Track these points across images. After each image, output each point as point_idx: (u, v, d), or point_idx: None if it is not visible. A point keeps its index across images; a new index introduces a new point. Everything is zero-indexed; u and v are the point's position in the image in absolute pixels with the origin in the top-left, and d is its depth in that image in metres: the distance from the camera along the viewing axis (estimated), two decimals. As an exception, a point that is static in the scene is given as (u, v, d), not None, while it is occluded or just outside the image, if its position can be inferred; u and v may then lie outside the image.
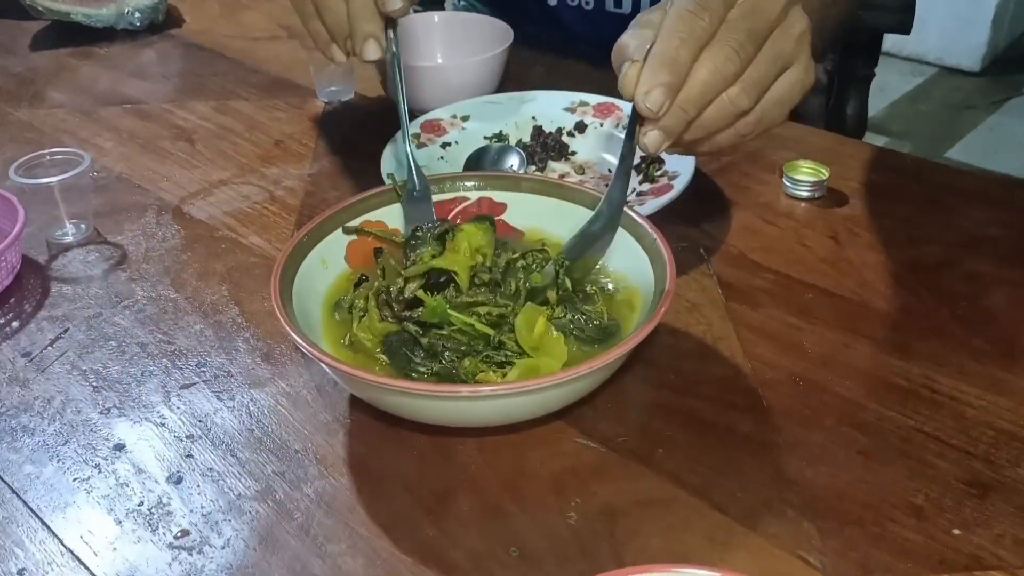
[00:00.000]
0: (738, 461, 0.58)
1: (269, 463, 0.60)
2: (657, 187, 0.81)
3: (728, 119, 0.61)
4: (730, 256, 0.76)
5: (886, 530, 0.53)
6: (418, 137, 0.90)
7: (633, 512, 0.55)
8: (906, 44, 3.01)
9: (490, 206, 0.73)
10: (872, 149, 0.92)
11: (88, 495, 0.58)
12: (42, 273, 0.79)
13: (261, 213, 0.85)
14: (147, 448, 0.61)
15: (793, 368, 0.65)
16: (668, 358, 0.66)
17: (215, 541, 0.55)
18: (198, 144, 0.97)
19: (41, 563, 0.54)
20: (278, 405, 0.64)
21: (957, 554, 0.52)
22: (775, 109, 0.63)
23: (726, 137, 0.63)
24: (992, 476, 0.56)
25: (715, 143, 0.63)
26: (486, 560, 0.53)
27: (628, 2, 1.11)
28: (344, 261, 0.69)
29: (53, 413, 0.64)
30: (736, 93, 0.59)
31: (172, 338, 0.70)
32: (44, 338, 0.71)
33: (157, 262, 0.79)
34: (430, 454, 0.60)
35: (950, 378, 0.63)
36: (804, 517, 0.54)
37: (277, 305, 0.59)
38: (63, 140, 0.99)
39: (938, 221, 0.79)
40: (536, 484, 0.57)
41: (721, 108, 0.60)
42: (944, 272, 0.73)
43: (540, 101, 0.96)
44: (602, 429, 0.61)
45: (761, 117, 0.62)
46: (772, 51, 0.60)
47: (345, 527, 0.55)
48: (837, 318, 0.69)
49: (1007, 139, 2.73)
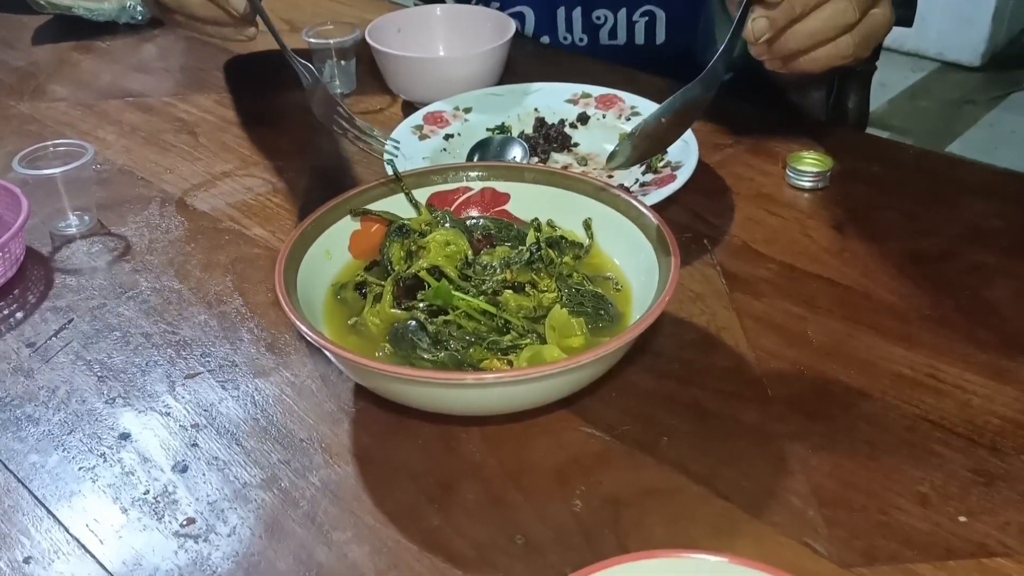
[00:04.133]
0: (742, 450, 0.58)
1: (274, 452, 0.60)
2: (660, 177, 0.81)
3: (832, 30, 0.64)
4: (734, 246, 0.76)
5: (891, 518, 0.53)
6: (420, 129, 0.90)
7: (637, 501, 0.55)
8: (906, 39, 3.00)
9: (493, 196, 0.73)
10: (876, 140, 0.92)
11: (94, 484, 0.58)
12: (46, 264, 0.79)
13: (264, 205, 0.85)
14: (152, 437, 0.61)
15: (797, 358, 0.65)
16: (672, 348, 0.66)
17: (221, 529, 0.55)
18: (201, 137, 0.97)
19: (47, 551, 0.54)
20: (283, 394, 0.64)
21: (963, 542, 0.52)
22: (869, 40, 0.66)
23: (826, 53, 0.66)
24: (998, 464, 0.56)
25: (816, 58, 0.66)
26: (491, 549, 0.53)
27: (623, 33, 1.11)
28: (348, 251, 0.69)
29: (58, 403, 0.64)
30: (845, 5, 0.63)
31: (176, 328, 0.70)
32: (48, 328, 0.71)
33: (161, 253, 0.79)
34: (435, 443, 0.60)
35: (954, 367, 0.63)
36: (809, 505, 0.54)
37: (282, 294, 0.59)
38: (65, 133, 0.99)
39: (941, 212, 0.79)
40: (541, 473, 0.57)
41: (830, 17, 0.63)
42: (947, 263, 0.73)
43: (542, 93, 0.96)
44: (606, 418, 0.61)
45: (859, 42, 0.65)
46: None
47: (350, 515, 0.55)
48: (841, 308, 0.69)
49: (1007, 134, 2.72)
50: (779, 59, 0.67)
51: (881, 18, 0.67)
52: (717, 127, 0.92)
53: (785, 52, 0.66)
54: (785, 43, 0.65)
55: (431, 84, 0.97)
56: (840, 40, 0.65)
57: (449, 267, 0.63)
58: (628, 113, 0.92)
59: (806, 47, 0.65)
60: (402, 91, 1.00)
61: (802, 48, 0.65)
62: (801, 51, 0.65)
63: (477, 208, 0.73)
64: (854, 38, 0.65)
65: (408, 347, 0.61)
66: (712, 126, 0.92)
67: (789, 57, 0.66)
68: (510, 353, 0.60)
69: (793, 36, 0.64)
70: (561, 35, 1.15)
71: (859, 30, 0.65)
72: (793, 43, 0.64)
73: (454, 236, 0.65)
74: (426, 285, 0.63)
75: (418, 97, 0.98)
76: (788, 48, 0.65)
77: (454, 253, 0.64)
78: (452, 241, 0.65)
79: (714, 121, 0.93)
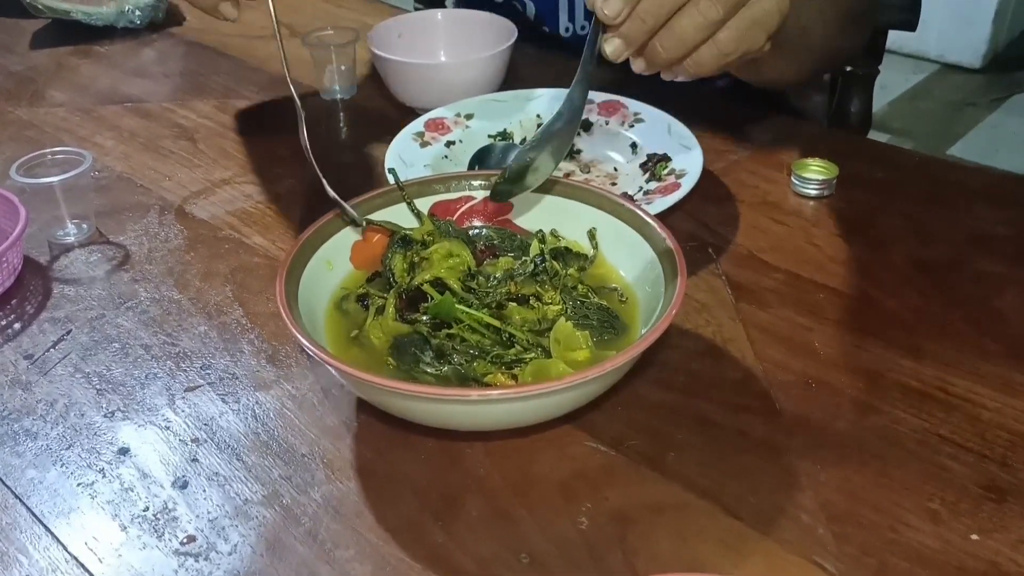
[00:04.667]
0: (750, 465, 0.57)
1: (275, 467, 0.59)
2: (664, 186, 0.80)
3: (701, 31, 0.62)
4: (739, 256, 0.76)
5: (902, 535, 0.53)
6: (422, 136, 0.90)
7: (644, 517, 0.54)
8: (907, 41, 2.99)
9: (496, 205, 0.72)
10: (880, 147, 0.92)
11: (92, 500, 0.57)
12: (44, 274, 0.78)
13: (264, 213, 0.84)
14: (152, 452, 0.60)
15: (804, 369, 0.64)
16: (678, 360, 0.65)
17: (222, 547, 0.54)
18: (200, 143, 0.97)
19: (45, 570, 0.53)
20: (284, 408, 0.63)
21: (975, 560, 0.51)
22: (754, 30, 0.64)
23: (708, 54, 0.64)
24: (1009, 480, 0.55)
25: (697, 61, 0.64)
26: (495, 566, 0.52)
27: None
28: (349, 262, 0.68)
29: (56, 417, 0.63)
30: (705, 5, 0.61)
31: (176, 340, 0.70)
32: (46, 340, 0.70)
33: (160, 262, 0.78)
34: (438, 458, 0.59)
35: (963, 379, 0.62)
36: (818, 522, 0.53)
37: (283, 308, 0.58)
38: (63, 139, 0.99)
39: (948, 220, 0.79)
40: (545, 488, 0.57)
41: (692, 19, 0.61)
42: (955, 272, 0.73)
43: (544, 98, 0.95)
44: (612, 432, 0.60)
45: (740, 35, 0.63)
46: None
47: (353, 532, 0.54)
48: (848, 318, 0.68)
49: (1008, 137, 2.72)
50: (661, 70, 0.65)
51: (765, 5, 0.64)
52: (720, 133, 0.92)
53: (661, 62, 0.64)
54: (656, 54, 0.63)
55: (432, 90, 0.96)
56: (718, 37, 0.63)
57: (452, 279, 0.63)
58: (631, 119, 0.92)
59: (680, 54, 0.63)
60: (403, 97, 0.99)
61: (677, 55, 0.63)
62: (677, 58, 0.63)
63: (480, 217, 0.72)
64: (731, 32, 0.63)
65: (411, 360, 0.60)
66: (715, 132, 0.91)
67: (668, 67, 0.64)
68: (514, 367, 0.59)
69: (662, 46, 0.62)
70: (563, 25, 1.13)
71: (736, 23, 0.63)
72: (664, 53, 0.62)
73: (456, 247, 0.65)
74: (429, 297, 0.62)
75: (419, 103, 0.97)
76: (662, 58, 0.63)
77: (457, 265, 0.63)
78: (455, 253, 0.64)
79: (717, 127, 0.92)
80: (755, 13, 0.64)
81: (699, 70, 0.65)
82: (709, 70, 0.65)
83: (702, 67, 0.65)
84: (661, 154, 0.85)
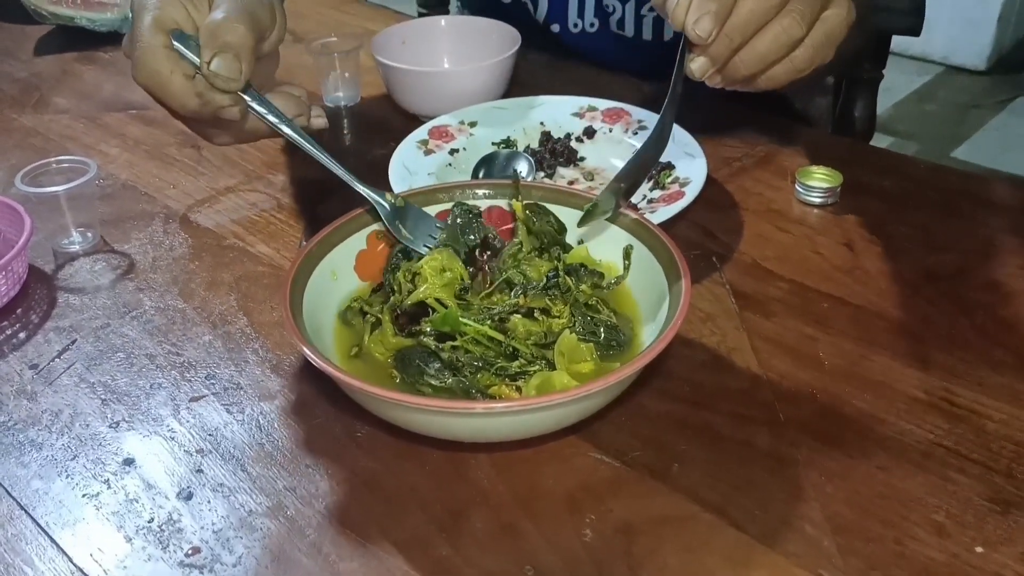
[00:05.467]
0: (756, 477, 0.57)
1: (280, 478, 0.59)
2: (668, 194, 0.80)
3: (783, 49, 0.63)
4: (743, 264, 0.75)
5: (907, 548, 0.52)
6: (426, 143, 0.90)
7: (650, 529, 0.54)
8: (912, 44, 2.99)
9: (500, 215, 0.72)
10: (886, 154, 0.91)
11: (97, 511, 0.57)
12: (49, 283, 0.78)
13: (269, 221, 0.84)
14: (157, 463, 0.60)
15: (810, 380, 0.64)
16: (682, 370, 0.65)
17: (226, 559, 0.54)
18: (204, 151, 0.97)
19: (50, 582, 0.53)
20: (289, 418, 0.63)
21: (981, 573, 0.51)
22: (825, 44, 0.65)
23: (783, 70, 0.65)
24: (1014, 492, 0.55)
25: (771, 76, 0.65)
26: (501, 579, 0.52)
27: (631, 26, 1.10)
28: (353, 272, 0.68)
29: (61, 427, 0.63)
30: (788, 23, 0.62)
31: (180, 349, 0.70)
32: (51, 349, 0.70)
33: (165, 271, 0.78)
34: (443, 469, 0.59)
35: (969, 390, 0.62)
36: (824, 534, 0.53)
37: (288, 320, 0.58)
38: (68, 146, 0.99)
39: (954, 228, 0.79)
40: (550, 501, 0.56)
41: (775, 38, 0.62)
42: (961, 281, 0.72)
43: (548, 106, 0.95)
44: (617, 443, 0.60)
45: (815, 51, 0.64)
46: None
47: (358, 545, 0.54)
48: (853, 328, 0.68)
49: (1014, 138, 2.71)
50: (735, 84, 0.66)
51: (836, 19, 0.65)
52: (724, 139, 0.91)
53: (738, 79, 0.65)
54: (736, 71, 0.64)
55: (436, 97, 0.96)
56: (795, 55, 0.64)
57: (448, 297, 0.62)
58: (635, 127, 0.92)
59: (758, 70, 0.64)
60: (406, 104, 0.99)
61: (755, 71, 0.64)
62: (755, 75, 0.64)
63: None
64: (808, 50, 0.64)
65: (415, 373, 0.60)
66: (719, 138, 0.91)
67: (744, 82, 0.65)
68: (519, 379, 0.59)
69: (742, 63, 0.63)
70: (572, 22, 1.13)
71: (812, 40, 0.64)
72: (744, 69, 0.63)
73: (448, 260, 0.64)
74: (430, 310, 0.62)
75: (423, 110, 0.97)
76: (740, 75, 0.64)
77: (451, 280, 0.63)
78: (447, 267, 0.63)
79: (721, 133, 0.92)
80: (828, 28, 0.64)
81: (770, 84, 0.66)
82: (779, 85, 0.66)
83: (773, 81, 0.66)
84: (665, 162, 0.84)
